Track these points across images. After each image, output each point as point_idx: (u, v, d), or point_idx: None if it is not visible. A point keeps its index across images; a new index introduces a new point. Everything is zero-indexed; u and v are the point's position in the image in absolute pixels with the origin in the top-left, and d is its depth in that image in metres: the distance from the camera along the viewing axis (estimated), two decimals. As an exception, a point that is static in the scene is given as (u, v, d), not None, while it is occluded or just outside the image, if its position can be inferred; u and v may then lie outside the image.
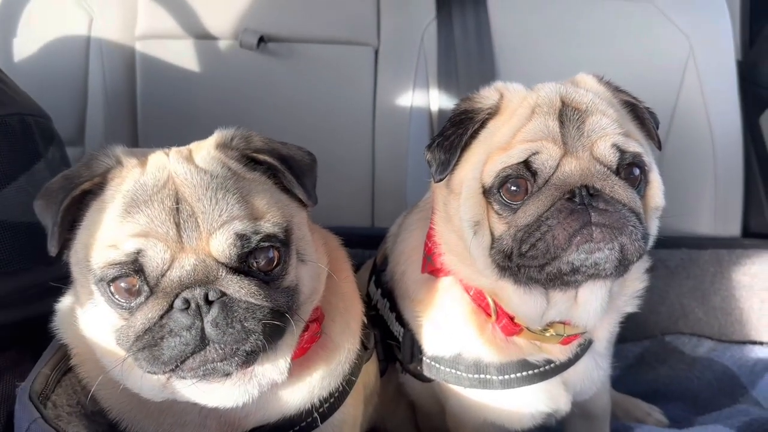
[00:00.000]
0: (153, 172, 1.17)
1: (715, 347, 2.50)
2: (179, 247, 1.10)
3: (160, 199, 1.12)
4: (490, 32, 2.67)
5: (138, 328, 1.09)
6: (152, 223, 1.09)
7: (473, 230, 1.38)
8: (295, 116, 2.70)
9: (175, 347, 1.07)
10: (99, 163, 1.21)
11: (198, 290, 1.07)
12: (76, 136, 2.72)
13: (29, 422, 1.10)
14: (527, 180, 1.33)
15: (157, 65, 2.68)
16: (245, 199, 1.16)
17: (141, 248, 1.08)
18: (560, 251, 1.27)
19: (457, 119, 1.44)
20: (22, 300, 1.64)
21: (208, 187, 1.14)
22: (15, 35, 2.71)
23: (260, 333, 1.10)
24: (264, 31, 2.64)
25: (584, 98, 1.38)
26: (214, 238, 1.10)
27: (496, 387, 1.56)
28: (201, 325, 1.07)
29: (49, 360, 1.29)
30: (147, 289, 1.10)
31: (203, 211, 1.11)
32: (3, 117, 1.71)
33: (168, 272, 1.09)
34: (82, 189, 1.17)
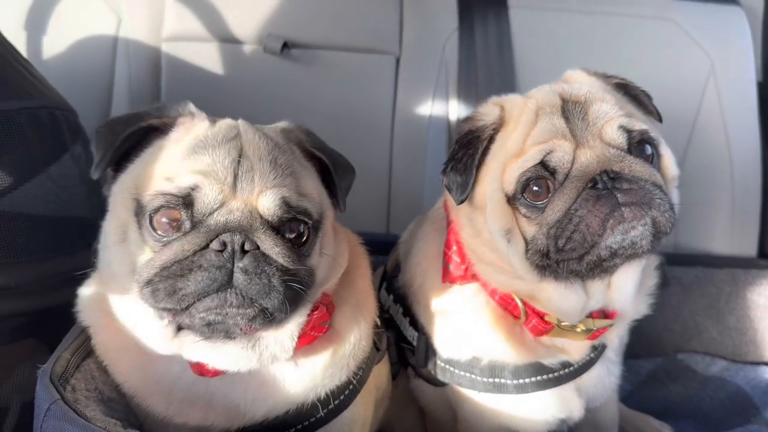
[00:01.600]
0: (223, 126, 1.26)
1: (729, 367, 2.48)
2: (231, 194, 1.17)
3: (227, 149, 1.20)
4: (512, 44, 2.69)
5: (167, 258, 1.13)
6: (215, 165, 1.17)
7: (506, 239, 1.41)
8: (315, 122, 2.68)
9: (201, 281, 1.11)
10: (171, 109, 1.30)
11: (237, 236, 1.13)
12: (100, 134, 2.76)
13: (49, 403, 1.12)
14: (547, 179, 1.36)
15: (182, 67, 2.72)
16: (296, 175, 1.26)
17: (198, 184, 1.15)
18: (597, 237, 1.30)
19: (464, 140, 1.48)
20: (42, 289, 1.68)
21: (270, 152, 1.24)
22: (45, 33, 2.76)
23: (281, 293, 1.15)
24: (288, 36, 2.68)
25: (581, 91, 1.43)
26: (264, 196, 1.18)
27: (511, 391, 1.57)
28: (231, 269, 1.12)
29: (70, 345, 1.31)
30: (188, 226, 1.16)
31: (261, 170, 1.20)
32: (33, 110, 1.75)
33: (216, 212, 1.15)
34: (150, 123, 1.25)
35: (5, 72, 1.77)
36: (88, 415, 1.12)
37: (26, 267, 1.63)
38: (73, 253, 1.77)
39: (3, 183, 1.69)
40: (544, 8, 2.78)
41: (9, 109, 1.68)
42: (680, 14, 2.79)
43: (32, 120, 1.74)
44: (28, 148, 1.73)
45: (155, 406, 1.30)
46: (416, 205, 2.65)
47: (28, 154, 1.74)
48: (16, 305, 1.61)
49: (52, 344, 1.35)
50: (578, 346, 1.56)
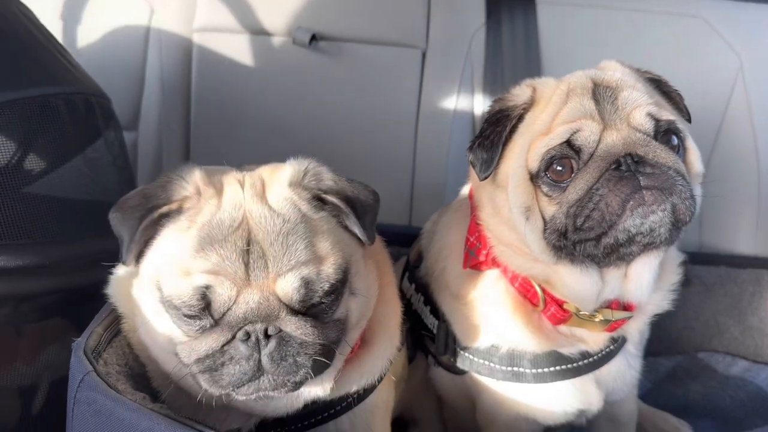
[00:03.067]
0: (228, 210, 1.22)
1: (750, 368, 2.46)
2: (246, 284, 1.16)
3: (233, 240, 1.17)
4: (538, 40, 2.69)
5: (201, 352, 1.18)
6: (223, 263, 1.15)
7: (525, 216, 1.42)
8: (341, 113, 2.76)
9: (234, 374, 1.16)
10: (178, 188, 1.26)
11: (259, 325, 1.15)
12: (131, 122, 2.83)
13: (83, 374, 1.16)
14: (572, 159, 1.37)
15: (213, 57, 2.77)
16: (312, 242, 1.21)
17: (210, 284, 1.15)
18: (615, 217, 1.30)
19: (493, 119, 1.49)
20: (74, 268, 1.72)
21: (279, 231, 1.20)
22: (80, 23, 2.82)
23: (309, 368, 1.19)
24: (316, 29, 2.71)
25: (613, 77, 1.44)
26: (282, 280, 1.17)
27: (529, 380, 1.59)
28: (258, 357, 1.16)
29: (103, 320, 1.36)
30: (210, 323, 1.18)
31: (273, 255, 1.17)
32: (69, 95, 1.80)
33: (233, 307, 1.16)
34: (160, 213, 1.23)
35: (43, 57, 1.83)
36: (119, 388, 1.16)
37: (59, 247, 1.68)
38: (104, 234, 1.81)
39: (38, 166, 1.75)
40: (572, 3, 2.77)
41: (46, 94, 1.73)
42: (709, 11, 2.76)
43: (68, 105, 1.79)
44: (63, 132, 1.79)
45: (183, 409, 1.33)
46: (439, 198, 2.67)
47: (63, 138, 1.80)
48: (48, 283, 1.65)
49: (82, 324, 1.39)
50: (597, 337, 1.56)
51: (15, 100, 1.64)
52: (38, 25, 1.91)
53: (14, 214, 1.60)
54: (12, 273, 1.56)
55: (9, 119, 1.64)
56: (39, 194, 1.70)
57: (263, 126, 2.77)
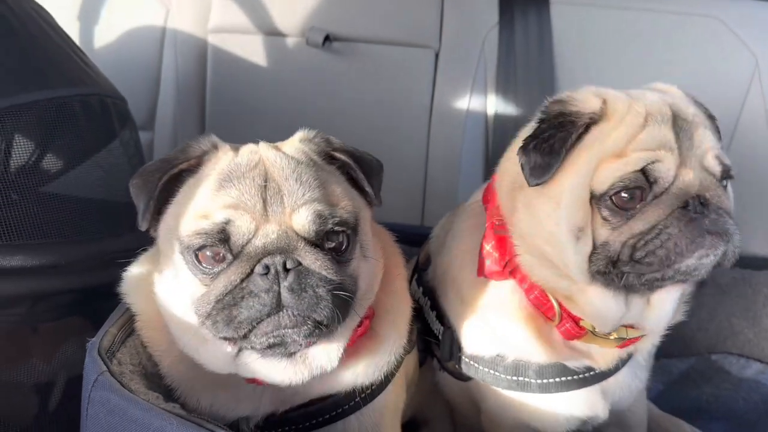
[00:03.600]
0: (246, 155, 1.29)
1: (764, 370, 2.44)
2: (264, 219, 1.21)
3: (252, 177, 1.23)
4: (552, 40, 2.68)
5: (219, 291, 1.19)
6: (242, 197, 1.21)
7: (575, 236, 1.37)
8: (355, 113, 2.77)
9: (253, 307, 1.16)
10: (196, 147, 1.33)
11: (278, 257, 1.17)
12: (147, 122, 2.86)
13: (97, 374, 1.18)
14: (643, 189, 1.34)
15: (228, 58, 2.80)
16: (324, 185, 1.27)
17: (230, 218, 1.19)
18: (679, 258, 1.31)
19: (555, 122, 1.39)
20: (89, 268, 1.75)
21: (294, 170, 1.26)
22: (96, 23, 2.86)
23: (329, 302, 1.19)
24: (330, 30, 2.73)
25: (689, 110, 1.41)
26: (297, 214, 1.21)
27: (534, 390, 1.58)
28: (278, 290, 1.16)
29: (117, 320, 1.38)
30: (230, 257, 1.20)
31: (289, 190, 1.23)
32: (85, 96, 1.83)
33: (252, 240, 1.19)
34: (180, 168, 1.29)
35: (60, 59, 1.85)
36: (133, 388, 1.17)
37: (74, 246, 1.70)
38: (119, 234, 1.84)
39: (55, 166, 1.78)
40: (586, 3, 2.75)
41: (63, 96, 1.75)
42: (725, 11, 2.73)
43: (84, 106, 1.82)
44: (79, 133, 1.81)
45: (200, 401, 1.37)
46: (451, 199, 2.67)
47: (80, 139, 1.82)
48: (64, 283, 1.68)
49: (97, 322, 1.41)
50: (605, 353, 1.55)
51: (31, 103, 1.66)
52: (54, 26, 1.94)
53: (31, 214, 1.62)
54: (28, 272, 1.58)
55: (26, 121, 1.66)
56: (55, 194, 1.72)
57: (278, 126, 2.75)
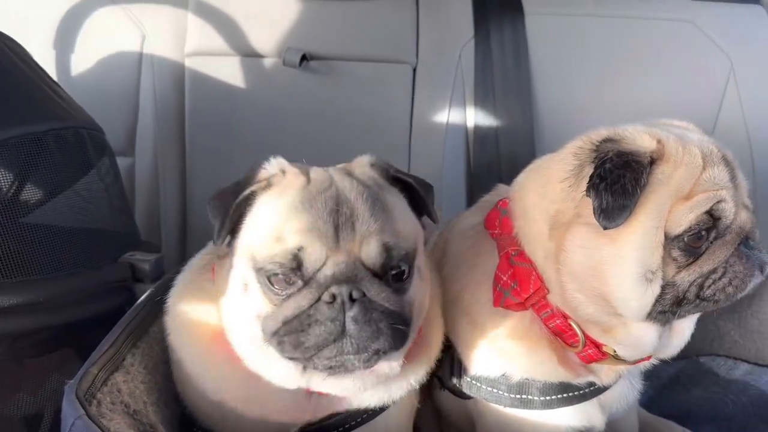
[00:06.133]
0: (317, 178, 1.33)
1: (752, 371, 2.45)
2: (335, 246, 1.24)
3: (324, 200, 1.27)
4: (528, 52, 2.70)
5: (287, 313, 1.24)
6: (315, 221, 1.24)
7: (647, 279, 1.36)
8: (335, 130, 2.77)
9: (319, 335, 1.22)
10: (265, 170, 1.38)
11: (344, 287, 1.21)
12: (127, 147, 2.85)
13: (74, 418, 1.17)
14: (710, 229, 1.37)
15: (205, 80, 2.79)
16: (391, 213, 1.31)
17: (302, 245, 1.22)
18: (740, 293, 1.38)
19: (619, 161, 1.35)
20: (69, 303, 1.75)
21: (364, 195, 1.29)
22: (72, 51, 2.85)
23: (389, 335, 1.25)
24: (307, 49, 2.73)
25: (728, 151, 1.46)
26: (366, 244, 1.25)
27: (537, 407, 1.58)
28: (343, 319, 1.21)
29: (98, 360, 1.36)
30: (301, 283, 1.25)
31: (360, 217, 1.26)
32: (59, 130, 1.83)
33: (323, 268, 1.23)
34: (252, 190, 1.34)
35: (34, 94, 1.86)
36: (112, 429, 1.17)
37: (53, 283, 1.70)
38: (99, 267, 1.84)
39: (31, 201, 1.77)
40: (560, 13, 2.78)
41: (37, 131, 1.76)
42: (699, 15, 2.76)
43: (59, 140, 1.82)
44: (55, 167, 1.81)
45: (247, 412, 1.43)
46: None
47: (55, 173, 1.82)
48: (43, 320, 1.67)
49: (82, 353, 1.42)
50: (608, 370, 1.57)
51: (5, 140, 1.67)
52: (28, 60, 1.94)
53: (8, 251, 1.62)
54: (5, 312, 1.57)
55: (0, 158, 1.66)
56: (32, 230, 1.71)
57: (258, 146, 2.78)
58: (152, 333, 1.57)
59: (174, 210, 2.86)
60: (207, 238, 1.61)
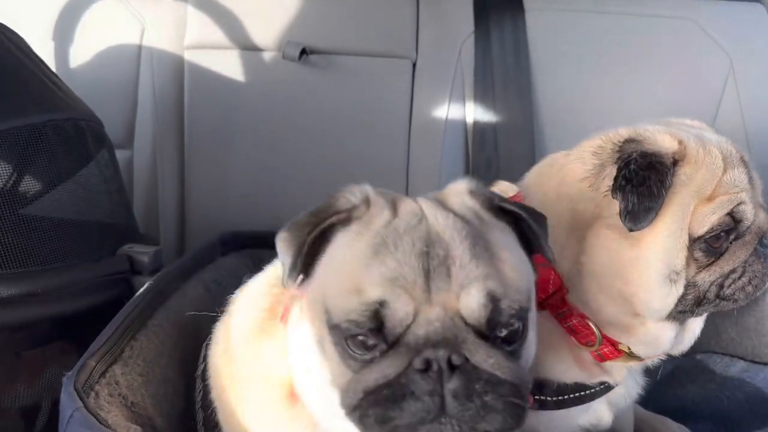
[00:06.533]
0: (404, 212, 1.08)
1: (748, 368, 2.44)
2: (425, 298, 0.99)
3: (411, 241, 1.01)
4: (528, 47, 2.69)
5: (370, 383, 0.99)
6: (400, 268, 0.99)
7: (670, 280, 1.37)
8: (333, 125, 2.77)
9: (414, 413, 0.96)
10: (346, 199, 1.12)
11: (442, 351, 0.96)
12: (126, 140, 2.84)
13: (72, 410, 1.17)
14: (730, 230, 1.39)
15: (204, 74, 2.79)
16: (496, 254, 1.05)
17: (385, 299, 0.98)
18: (759, 291, 1.42)
19: (644, 162, 1.33)
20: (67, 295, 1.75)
21: (462, 233, 1.04)
22: (71, 43, 2.84)
23: (501, 412, 0.98)
24: (306, 43, 2.72)
25: (745, 152, 1.47)
26: (466, 293, 0.99)
27: (550, 408, 1.58)
28: (441, 392, 0.96)
29: (96, 352, 1.36)
30: (384, 347, 1.00)
31: (457, 259, 1.00)
32: (58, 121, 1.83)
33: (411, 327, 0.98)
34: (330, 222, 1.09)
35: (33, 85, 1.86)
36: (110, 421, 1.17)
37: (52, 274, 1.70)
38: (98, 259, 1.84)
39: (30, 192, 1.78)
40: (561, 9, 2.77)
41: (36, 122, 1.76)
42: (700, 13, 2.76)
43: (58, 131, 1.82)
44: (54, 158, 1.82)
45: None
46: (433, 208, 2.67)
47: (54, 164, 1.83)
48: (42, 311, 1.68)
49: (79, 346, 1.41)
50: (619, 368, 1.58)
51: (4, 131, 1.66)
52: (27, 52, 1.93)
53: (7, 242, 1.62)
54: (4, 303, 1.57)
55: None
56: (31, 221, 1.72)
57: (257, 140, 2.79)
58: (151, 326, 1.56)
59: (172, 203, 2.86)
60: (205, 233, 1.59)
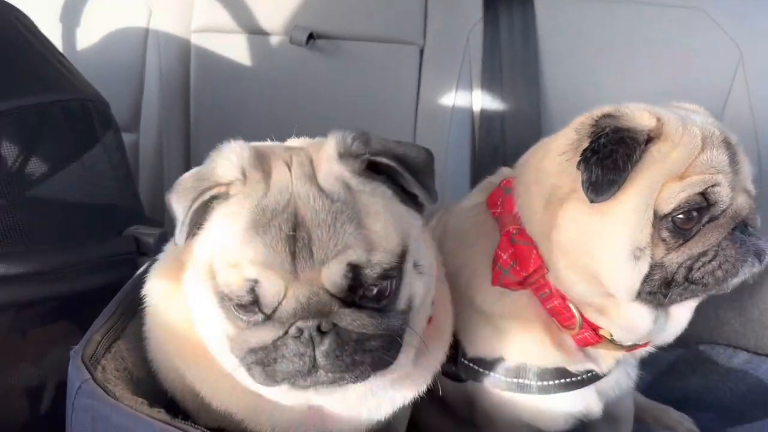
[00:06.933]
0: (275, 194, 1.15)
1: (751, 360, 2.45)
2: (293, 277, 1.09)
3: (278, 225, 1.10)
4: (537, 35, 2.68)
5: (252, 344, 1.12)
6: (269, 253, 1.08)
7: (634, 256, 1.37)
8: (339, 111, 2.77)
9: (287, 370, 1.11)
10: (225, 171, 1.18)
11: (311, 321, 1.08)
12: (132, 124, 2.85)
13: (80, 382, 1.18)
14: (702, 211, 1.37)
15: (211, 57, 2.79)
16: (362, 224, 1.12)
17: (258, 278, 1.08)
18: (730, 278, 1.37)
19: (615, 137, 1.35)
20: (74, 274, 1.76)
21: (328, 212, 1.11)
22: (79, 26, 2.85)
23: (368, 364, 1.12)
24: (314, 27, 2.72)
25: (732, 135, 1.44)
26: (327, 268, 1.08)
27: (533, 392, 1.59)
28: (313, 354, 1.09)
29: (100, 327, 1.37)
30: (260, 318, 1.12)
31: (318, 240, 1.09)
32: (65, 102, 1.83)
33: (283, 302, 1.10)
34: (211, 195, 1.17)
35: (39, 65, 1.86)
36: (117, 394, 1.18)
37: (59, 252, 1.71)
38: (104, 239, 1.85)
39: (37, 172, 1.78)
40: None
41: (43, 102, 1.76)
42: (710, 3, 2.72)
43: (65, 112, 1.82)
44: (60, 138, 1.82)
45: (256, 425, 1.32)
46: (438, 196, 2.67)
47: (61, 144, 1.84)
48: (49, 290, 1.68)
49: (84, 326, 1.41)
50: (606, 357, 1.58)
51: (11, 110, 1.67)
52: (35, 32, 1.93)
53: (14, 220, 1.63)
54: (12, 280, 1.58)
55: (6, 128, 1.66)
56: (38, 201, 1.73)
57: (262, 124, 2.78)
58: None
59: (178, 187, 2.86)
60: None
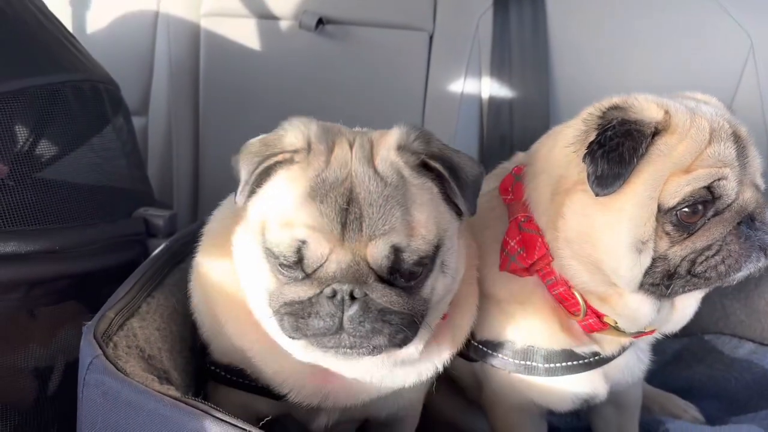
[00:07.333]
0: (335, 168, 1.26)
1: (756, 350, 2.45)
2: (339, 244, 1.20)
3: (335, 197, 1.22)
4: (546, 23, 2.67)
5: (289, 297, 1.24)
6: (321, 219, 1.20)
7: (637, 249, 1.37)
8: (348, 96, 2.77)
9: (316, 327, 1.22)
10: (293, 139, 1.30)
11: (346, 286, 1.19)
12: (141, 107, 2.86)
13: (92, 357, 1.19)
14: (708, 205, 1.36)
15: (220, 42, 2.79)
16: (408, 211, 1.24)
17: (306, 239, 1.20)
18: (734, 273, 1.37)
19: (621, 130, 1.36)
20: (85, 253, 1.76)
21: (380, 195, 1.23)
22: (89, 9, 2.85)
23: (387, 335, 1.23)
24: (323, 13, 2.71)
25: (743, 126, 1.44)
26: (373, 245, 1.20)
27: (541, 374, 1.60)
28: (341, 316, 1.20)
29: (114, 305, 1.39)
30: (301, 276, 1.24)
31: (369, 218, 1.20)
32: (77, 83, 1.83)
33: (325, 264, 1.21)
34: (275, 161, 1.30)
35: (51, 45, 1.86)
36: (128, 371, 1.19)
37: (70, 232, 1.71)
38: (114, 220, 1.86)
39: (49, 152, 1.79)
40: (580, -14, 2.75)
41: (55, 82, 1.76)
42: (720, -7, 2.73)
43: (76, 92, 1.82)
44: (72, 119, 1.82)
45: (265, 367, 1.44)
46: (446, 182, 2.67)
47: (72, 125, 1.83)
48: (59, 268, 1.69)
49: (93, 307, 1.43)
50: (611, 341, 1.59)
51: (23, 89, 1.67)
52: (46, 12, 1.93)
53: (25, 200, 1.63)
54: (23, 258, 1.59)
55: (17, 108, 1.66)
56: (49, 180, 1.73)
57: (271, 109, 2.78)
58: (167, 285, 1.60)
59: (186, 171, 2.88)
60: (219, 200, 1.61)
